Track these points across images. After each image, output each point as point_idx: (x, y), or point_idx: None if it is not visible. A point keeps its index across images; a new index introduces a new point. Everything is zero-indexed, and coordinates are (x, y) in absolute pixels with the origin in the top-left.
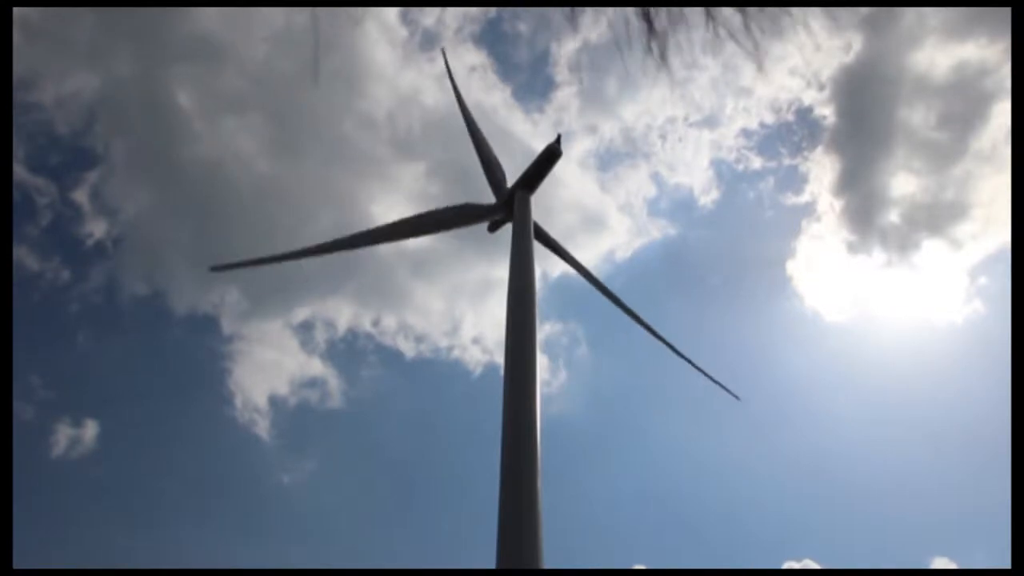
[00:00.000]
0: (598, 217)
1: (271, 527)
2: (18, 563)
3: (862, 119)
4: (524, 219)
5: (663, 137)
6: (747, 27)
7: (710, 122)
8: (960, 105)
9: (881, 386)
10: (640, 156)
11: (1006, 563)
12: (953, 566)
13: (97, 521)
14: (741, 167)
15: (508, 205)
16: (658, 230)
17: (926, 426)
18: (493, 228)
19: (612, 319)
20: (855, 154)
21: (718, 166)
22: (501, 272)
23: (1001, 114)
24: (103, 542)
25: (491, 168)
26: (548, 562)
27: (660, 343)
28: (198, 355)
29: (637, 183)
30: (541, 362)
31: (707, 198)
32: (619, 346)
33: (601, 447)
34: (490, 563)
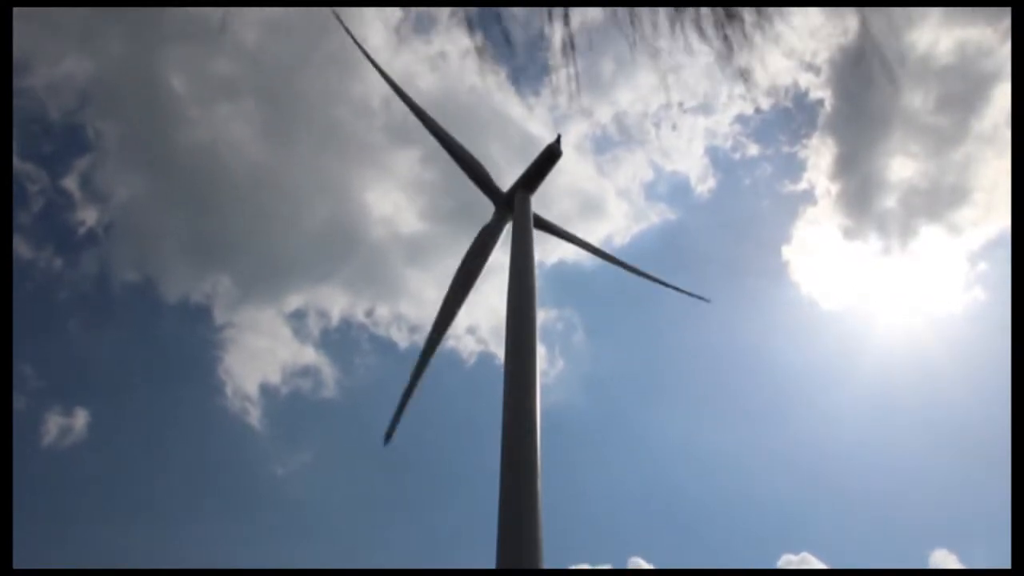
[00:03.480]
0: (596, 202)
1: (265, 519)
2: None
3: (860, 102)
4: (524, 220)
5: (657, 125)
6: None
7: (705, 109)
8: (960, 87)
9: (879, 375)
10: (635, 143)
11: (1008, 555)
12: (953, 558)
13: (87, 511)
14: (738, 155)
15: (508, 205)
16: (656, 215)
17: (925, 416)
18: None
19: (610, 305)
20: (852, 138)
21: (713, 154)
22: (495, 258)
23: (1003, 96)
24: (93, 532)
25: (474, 169)
26: (546, 556)
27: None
28: (190, 343)
29: (634, 167)
30: (538, 352)
31: (703, 187)
32: (617, 333)
33: (598, 438)
34: (489, 557)
